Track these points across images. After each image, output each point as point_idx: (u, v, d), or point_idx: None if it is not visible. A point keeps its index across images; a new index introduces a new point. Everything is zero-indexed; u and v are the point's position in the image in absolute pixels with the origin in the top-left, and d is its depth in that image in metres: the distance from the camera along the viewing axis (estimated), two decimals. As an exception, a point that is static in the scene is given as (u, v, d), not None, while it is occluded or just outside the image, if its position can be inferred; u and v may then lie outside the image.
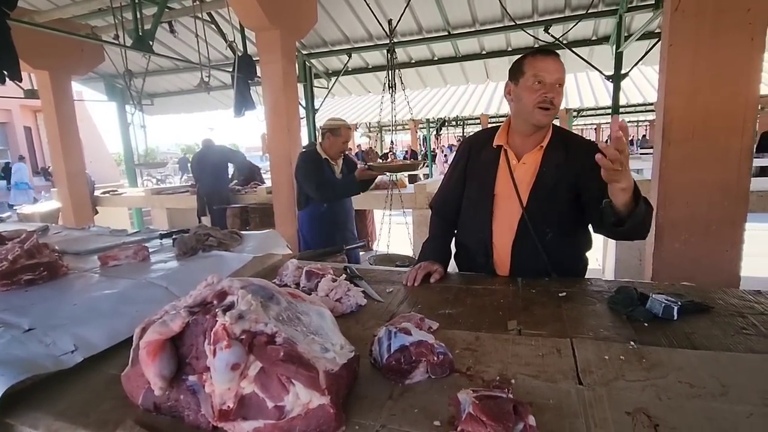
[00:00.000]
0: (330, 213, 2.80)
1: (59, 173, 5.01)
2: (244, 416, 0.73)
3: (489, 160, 1.46)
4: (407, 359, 0.83)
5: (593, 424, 0.69)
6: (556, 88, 1.29)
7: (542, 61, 1.29)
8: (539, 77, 1.28)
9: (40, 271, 1.25)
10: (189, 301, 0.88)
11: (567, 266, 1.43)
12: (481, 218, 1.46)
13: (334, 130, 2.70)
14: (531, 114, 1.32)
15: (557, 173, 1.36)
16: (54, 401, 0.85)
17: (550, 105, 1.28)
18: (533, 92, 1.29)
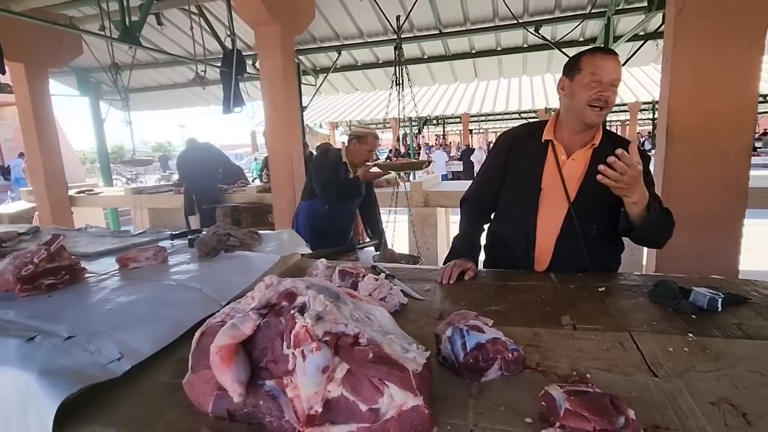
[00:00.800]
0: (330, 214, 2.77)
1: (36, 171, 4.73)
2: (332, 420, 0.70)
3: (535, 154, 1.44)
4: (485, 357, 0.82)
5: (683, 415, 0.70)
6: (612, 88, 1.28)
7: (601, 59, 1.28)
8: (597, 75, 1.27)
9: (62, 275, 1.18)
10: (253, 303, 0.84)
11: (606, 266, 1.46)
12: (526, 211, 1.45)
13: (360, 137, 2.68)
14: (582, 111, 1.32)
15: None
16: (109, 412, 0.80)
17: (604, 104, 1.28)
18: (589, 90, 1.29)
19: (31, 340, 0.89)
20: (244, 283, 1.34)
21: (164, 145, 45.70)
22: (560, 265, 1.43)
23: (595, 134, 1.39)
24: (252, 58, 5.75)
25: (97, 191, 6.37)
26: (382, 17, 5.11)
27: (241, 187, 5.50)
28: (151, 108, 9.24)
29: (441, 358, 0.88)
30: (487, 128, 24.24)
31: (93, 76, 7.03)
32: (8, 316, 1.01)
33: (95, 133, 7.33)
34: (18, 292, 1.10)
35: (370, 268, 1.53)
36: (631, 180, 1.16)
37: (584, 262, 1.41)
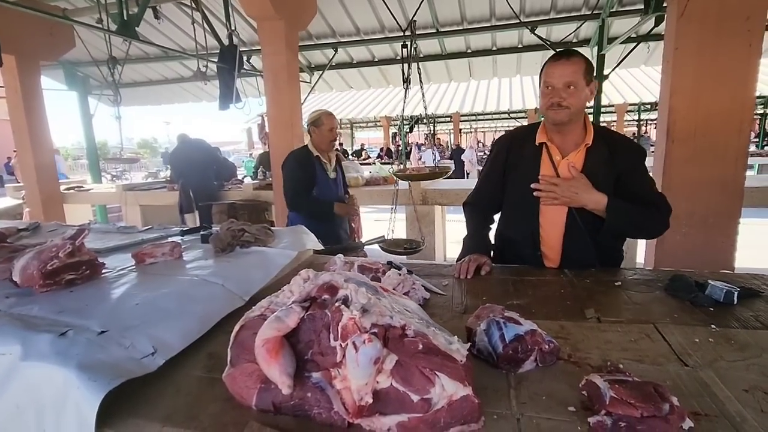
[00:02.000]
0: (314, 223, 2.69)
1: (26, 166, 4.60)
2: (382, 411, 0.71)
3: (531, 156, 1.49)
4: (523, 348, 0.84)
5: (720, 402, 0.72)
6: (568, 90, 1.34)
7: (551, 66, 1.38)
8: (549, 83, 1.37)
9: (82, 270, 1.16)
10: (293, 296, 0.84)
11: (611, 258, 1.51)
12: (529, 212, 1.49)
13: (315, 122, 2.57)
14: (546, 114, 1.43)
15: (601, 171, 1.40)
16: (150, 406, 0.79)
17: (558, 106, 1.36)
18: (545, 96, 1.40)
19: (64, 335, 0.88)
20: (264, 278, 1.34)
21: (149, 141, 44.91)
22: (569, 261, 1.47)
23: (586, 134, 1.44)
24: (247, 54, 5.70)
25: (86, 188, 6.23)
26: (380, 15, 5.12)
27: (237, 184, 5.45)
28: (140, 104, 9.07)
29: (476, 350, 0.90)
30: (476, 128, 24.40)
31: (81, 70, 6.87)
32: (33, 312, 0.99)
33: (83, 128, 7.16)
34: (38, 287, 1.08)
35: (386, 264, 1.54)
36: (564, 194, 1.35)
37: (592, 257, 1.45)
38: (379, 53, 6.29)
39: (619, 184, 1.41)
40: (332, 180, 2.67)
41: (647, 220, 1.41)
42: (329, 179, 2.65)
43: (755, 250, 4.40)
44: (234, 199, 4.90)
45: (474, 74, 6.76)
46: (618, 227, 1.40)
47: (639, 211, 1.38)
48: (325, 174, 2.63)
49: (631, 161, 1.42)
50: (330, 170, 2.66)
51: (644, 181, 1.44)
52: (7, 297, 1.07)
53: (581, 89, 1.35)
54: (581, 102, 1.37)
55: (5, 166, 13.35)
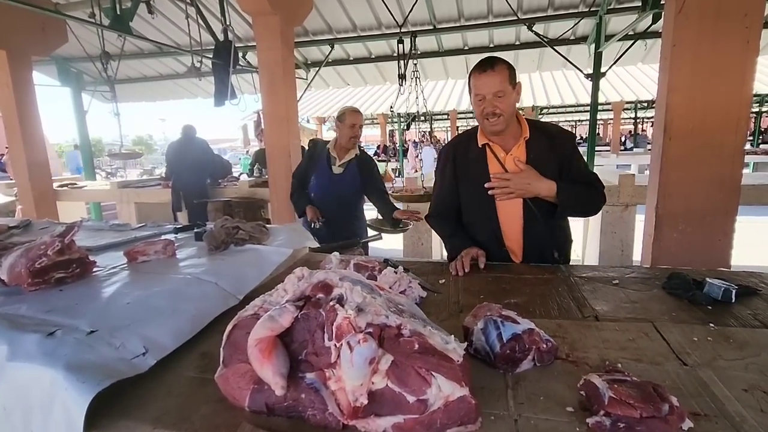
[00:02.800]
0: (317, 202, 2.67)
1: (18, 163, 4.54)
2: (377, 412, 0.69)
3: (478, 158, 1.55)
4: (521, 347, 0.82)
5: (720, 402, 0.71)
6: (497, 98, 1.40)
7: (476, 78, 1.42)
8: (478, 95, 1.43)
9: (72, 268, 1.14)
10: (287, 295, 0.83)
11: (565, 245, 1.60)
12: (487, 212, 1.54)
13: (339, 116, 2.61)
14: (482, 124, 1.49)
15: (545, 158, 1.49)
16: (140, 408, 0.78)
17: (492, 115, 1.42)
18: (477, 106, 1.45)
19: (52, 335, 0.86)
20: (259, 276, 1.33)
21: (145, 138, 44.63)
22: (531, 250, 1.53)
23: (521, 128, 1.51)
24: (242, 50, 5.65)
25: (80, 185, 6.17)
26: (377, 11, 5.08)
27: (233, 181, 5.41)
28: (135, 100, 8.98)
29: (473, 350, 0.89)
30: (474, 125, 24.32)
31: (74, 65, 6.79)
32: (21, 311, 0.97)
33: (77, 125, 7.08)
34: (27, 286, 1.06)
35: (382, 262, 1.53)
36: (518, 187, 1.41)
37: (552, 242, 1.53)
38: (376, 50, 6.25)
39: (561, 169, 1.50)
40: (335, 175, 2.63)
41: (591, 198, 1.50)
42: (331, 174, 2.63)
43: (751, 247, 4.43)
44: (230, 197, 4.87)
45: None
46: (569, 208, 1.47)
47: (583, 190, 1.48)
48: (328, 168, 2.63)
49: (568, 146, 1.52)
50: (336, 165, 2.64)
51: (580, 164, 1.53)
52: (-6, 296, 1.05)
53: (509, 94, 1.41)
54: (512, 106, 1.44)
55: (-2, 163, 13.19)
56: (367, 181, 2.67)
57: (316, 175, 2.67)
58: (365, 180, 2.67)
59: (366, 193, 2.75)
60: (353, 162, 2.65)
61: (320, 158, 2.67)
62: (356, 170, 2.65)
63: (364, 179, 2.67)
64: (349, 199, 2.68)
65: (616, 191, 4.00)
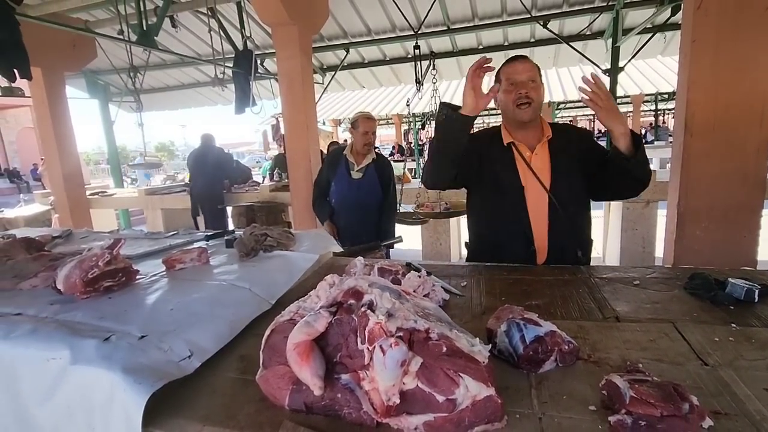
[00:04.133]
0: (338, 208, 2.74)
1: (54, 174, 4.78)
2: (409, 411, 0.74)
3: (503, 156, 1.57)
4: (543, 349, 0.86)
5: (740, 401, 0.74)
6: (530, 84, 1.45)
7: (509, 66, 1.50)
8: (511, 80, 1.47)
9: (119, 277, 1.22)
10: (321, 301, 0.89)
11: (587, 244, 1.62)
12: (516, 210, 1.56)
13: (353, 123, 2.68)
14: (513, 111, 1.50)
15: (567, 156, 1.53)
16: (190, 407, 0.84)
17: (526, 99, 1.45)
18: (510, 93, 1.48)
19: (107, 340, 0.94)
20: (289, 281, 1.39)
21: (167, 145, 45.81)
22: (555, 249, 1.55)
23: (543, 128, 1.55)
24: (261, 57, 5.78)
25: (110, 193, 6.43)
26: (390, 15, 5.13)
27: (254, 186, 5.55)
28: (158, 109, 9.27)
29: (497, 351, 0.93)
30: (489, 123, 24.19)
31: (102, 78, 7.07)
32: (77, 318, 1.06)
33: (105, 135, 7.37)
34: (79, 294, 1.15)
35: (405, 265, 1.58)
36: (607, 98, 1.33)
37: (574, 241, 1.55)
38: (391, 52, 6.31)
39: (586, 161, 1.53)
40: (354, 180, 2.68)
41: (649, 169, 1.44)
42: (350, 179, 2.68)
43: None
44: (252, 201, 5.00)
45: (486, 70, 6.72)
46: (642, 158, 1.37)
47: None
48: (347, 173, 2.69)
49: (587, 142, 1.60)
50: (355, 170, 2.69)
51: (604, 151, 1.54)
52: (51, 304, 1.14)
53: (539, 85, 1.47)
54: (541, 97, 1.49)
55: (32, 173, 13.78)
56: (383, 187, 2.72)
57: (336, 181, 2.73)
58: (383, 183, 2.72)
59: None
60: (371, 166, 2.70)
61: (339, 164, 2.72)
62: (375, 175, 2.69)
63: (382, 182, 2.71)
64: (370, 204, 2.71)
65: (637, 187, 3.94)
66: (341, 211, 2.70)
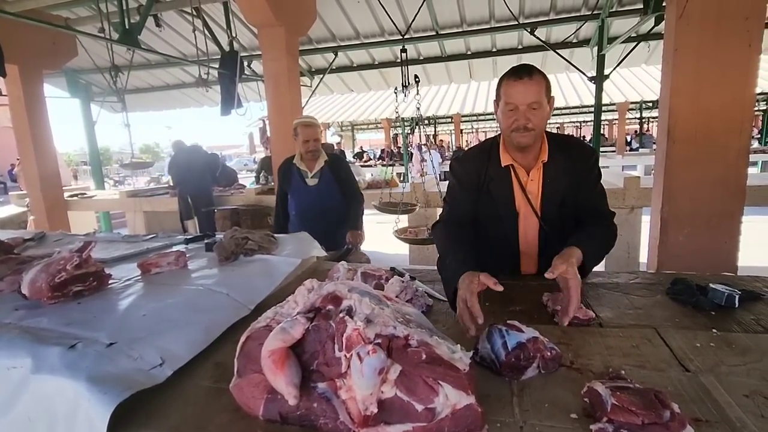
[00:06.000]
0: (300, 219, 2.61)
1: (30, 175, 4.64)
2: (387, 420, 0.72)
3: (501, 178, 1.44)
4: (525, 356, 0.85)
5: (721, 408, 0.73)
6: (531, 111, 1.27)
7: (509, 85, 1.29)
8: (510, 104, 1.28)
9: (89, 281, 1.18)
10: (298, 307, 0.86)
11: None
12: (507, 235, 1.46)
13: (294, 130, 2.53)
14: (510, 137, 1.35)
15: (560, 182, 1.39)
16: (159, 417, 0.81)
17: (524, 129, 1.28)
18: (507, 118, 1.31)
19: (73, 348, 0.89)
20: (269, 286, 1.36)
21: (152, 146, 45.14)
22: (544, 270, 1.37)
23: (542, 150, 1.39)
24: (247, 59, 5.73)
25: (90, 194, 6.27)
26: (379, 19, 5.14)
27: (239, 189, 5.48)
28: (142, 109, 9.12)
29: (479, 357, 0.91)
30: (477, 128, 24.41)
31: (83, 77, 6.92)
32: (42, 324, 1.01)
33: (86, 135, 7.21)
34: (46, 299, 1.10)
35: (389, 270, 1.55)
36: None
37: None
38: (379, 56, 6.31)
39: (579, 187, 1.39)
40: (312, 187, 2.56)
41: (608, 244, 1.34)
42: (307, 187, 2.56)
43: (758, 248, 4.40)
44: (237, 205, 4.92)
45: (474, 75, 6.78)
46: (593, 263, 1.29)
47: (600, 243, 1.30)
48: (302, 182, 2.56)
49: (585, 165, 1.40)
50: (309, 177, 2.57)
51: (593, 193, 1.41)
52: (16, 309, 1.09)
53: (544, 108, 1.29)
54: (544, 122, 1.32)
55: (8, 174, 13.42)
56: (341, 185, 2.60)
57: (292, 192, 2.60)
58: (341, 183, 2.60)
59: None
60: (325, 168, 2.57)
61: (291, 175, 2.60)
62: (331, 176, 2.57)
63: (340, 182, 2.60)
64: (332, 207, 2.58)
65: (621, 194, 4.00)
66: (304, 221, 2.55)
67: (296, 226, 2.58)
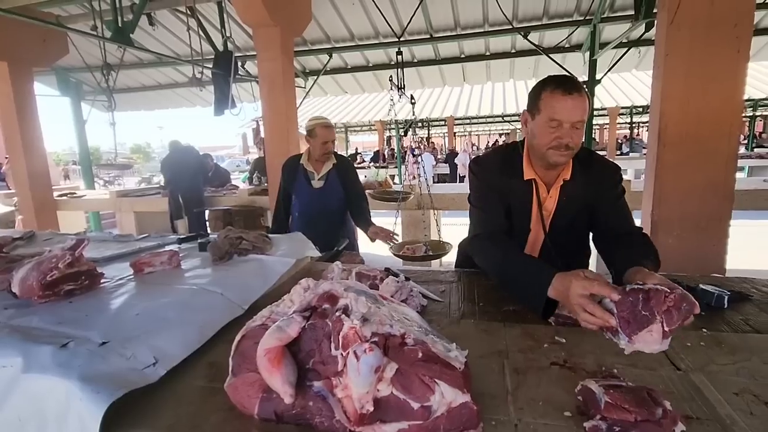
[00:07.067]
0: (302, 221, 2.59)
1: (19, 174, 4.57)
2: (383, 419, 0.72)
3: (523, 193, 1.37)
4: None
5: (711, 406, 0.74)
6: (575, 129, 1.18)
7: (560, 101, 1.16)
8: (556, 119, 1.17)
9: (81, 280, 1.16)
10: (294, 306, 0.86)
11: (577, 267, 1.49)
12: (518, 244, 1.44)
13: (310, 131, 2.47)
14: (545, 154, 1.24)
15: (576, 202, 1.35)
16: (152, 417, 0.80)
17: (564, 148, 1.20)
18: (548, 134, 1.20)
19: (65, 347, 0.88)
20: (264, 286, 1.35)
21: (142, 146, 44.75)
22: None
23: (565, 168, 1.33)
24: (242, 60, 5.71)
25: (79, 194, 6.20)
26: (374, 21, 5.16)
27: (232, 190, 5.45)
28: (133, 109, 9.04)
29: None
30: (471, 131, 24.53)
31: (74, 76, 6.84)
32: (33, 323, 1.00)
33: (77, 134, 7.12)
34: (37, 298, 1.09)
35: (384, 271, 1.56)
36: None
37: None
38: (374, 58, 6.33)
39: (598, 206, 1.36)
40: (316, 190, 2.53)
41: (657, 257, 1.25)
42: (311, 189, 2.53)
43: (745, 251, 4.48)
44: (229, 205, 4.90)
45: (468, 79, 6.83)
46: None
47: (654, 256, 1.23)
48: (308, 184, 2.53)
49: (607, 185, 1.36)
50: (316, 179, 2.54)
51: (622, 213, 1.36)
52: (5, 308, 1.07)
53: (584, 125, 1.20)
54: (582, 140, 1.23)
55: (-3, 172, 13.22)
56: (348, 188, 2.57)
57: (296, 193, 2.57)
58: (346, 187, 2.56)
59: (347, 201, 2.60)
60: (332, 171, 2.54)
61: (297, 175, 2.55)
62: (337, 180, 2.54)
63: (345, 186, 2.56)
64: (334, 212, 2.56)
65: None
66: (306, 223, 2.53)
67: (298, 226, 2.57)
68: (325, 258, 2.05)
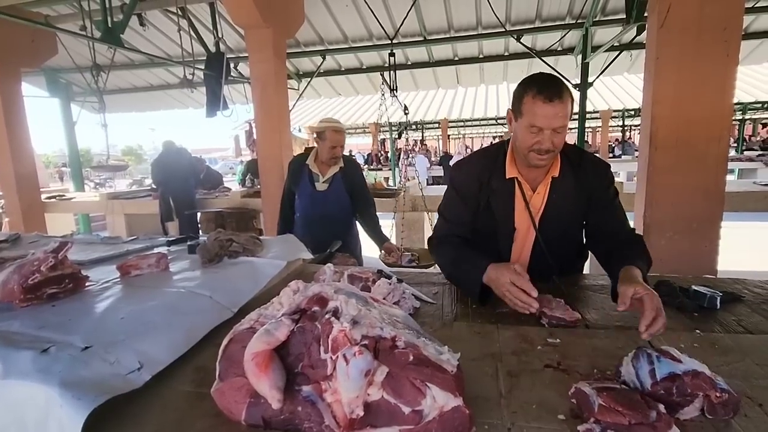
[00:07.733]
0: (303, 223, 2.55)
1: (6, 176, 4.49)
2: (373, 424, 0.70)
3: (503, 192, 1.37)
4: (680, 390, 0.72)
5: (705, 408, 0.73)
6: (556, 134, 1.20)
7: (540, 108, 1.17)
8: (535, 125, 1.19)
9: (65, 283, 1.13)
10: (283, 308, 0.84)
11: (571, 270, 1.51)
12: (500, 249, 1.43)
13: (320, 134, 2.42)
14: (527, 155, 1.26)
15: (568, 202, 1.35)
16: (136, 424, 0.78)
17: (545, 152, 1.22)
18: (529, 137, 1.22)
19: (46, 352, 0.85)
20: (254, 289, 1.33)
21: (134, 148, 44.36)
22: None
23: (552, 166, 1.33)
24: (234, 61, 5.68)
25: (68, 196, 6.11)
26: (368, 23, 5.16)
27: (224, 192, 5.40)
28: (125, 110, 8.95)
29: (621, 382, 0.80)
30: (464, 134, 24.61)
31: (63, 76, 6.76)
32: (13, 327, 0.97)
33: (66, 136, 7.03)
34: (18, 302, 1.06)
35: (376, 272, 1.54)
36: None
37: (554, 272, 1.38)
38: (367, 60, 6.33)
39: (590, 206, 1.36)
40: (319, 193, 2.47)
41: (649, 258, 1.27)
42: (314, 192, 2.47)
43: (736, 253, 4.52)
44: (222, 207, 4.86)
45: (461, 81, 6.85)
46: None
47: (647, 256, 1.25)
48: (311, 186, 2.48)
49: (600, 184, 1.36)
50: (320, 182, 2.47)
51: (616, 212, 1.37)
52: (-15, 313, 1.04)
53: (566, 128, 1.21)
54: (564, 141, 1.25)
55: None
56: (355, 193, 2.52)
57: (299, 193, 2.52)
58: (353, 193, 2.51)
59: (354, 207, 2.56)
60: (338, 176, 2.48)
61: (302, 176, 2.50)
62: (342, 185, 2.48)
63: (352, 192, 2.51)
64: (335, 216, 2.50)
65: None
66: (305, 225, 2.50)
67: (299, 228, 2.55)
68: (317, 260, 2.03)
